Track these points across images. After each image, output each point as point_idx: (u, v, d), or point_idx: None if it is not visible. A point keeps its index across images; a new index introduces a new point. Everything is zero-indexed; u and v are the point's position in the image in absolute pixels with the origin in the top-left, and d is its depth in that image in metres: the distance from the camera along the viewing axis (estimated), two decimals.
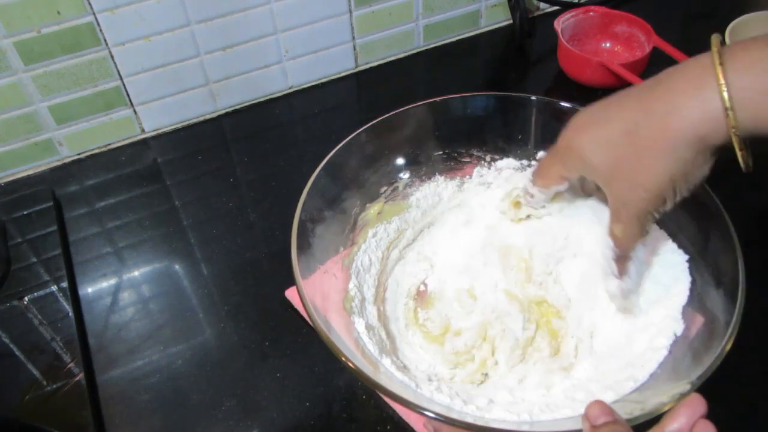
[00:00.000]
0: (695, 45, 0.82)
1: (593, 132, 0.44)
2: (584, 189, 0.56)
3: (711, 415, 0.35)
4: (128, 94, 0.77)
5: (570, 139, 0.46)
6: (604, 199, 0.51)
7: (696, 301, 0.48)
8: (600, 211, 0.54)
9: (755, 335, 0.54)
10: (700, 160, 0.40)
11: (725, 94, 0.37)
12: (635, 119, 0.41)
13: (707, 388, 0.39)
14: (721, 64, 0.37)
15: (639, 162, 0.41)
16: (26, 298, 0.62)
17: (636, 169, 0.42)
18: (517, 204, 0.58)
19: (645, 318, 0.50)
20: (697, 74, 0.38)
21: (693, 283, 0.49)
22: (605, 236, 0.48)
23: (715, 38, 0.39)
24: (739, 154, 0.39)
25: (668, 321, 0.48)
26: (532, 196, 0.55)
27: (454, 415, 0.42)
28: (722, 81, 0.37)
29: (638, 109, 0.41)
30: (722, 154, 0.41)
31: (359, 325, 0.52)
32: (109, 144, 0.81)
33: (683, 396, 0.38)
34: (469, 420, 0.41)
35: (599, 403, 0.37)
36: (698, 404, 0.35)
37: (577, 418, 0.43)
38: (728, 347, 0.41)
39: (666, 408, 0.37)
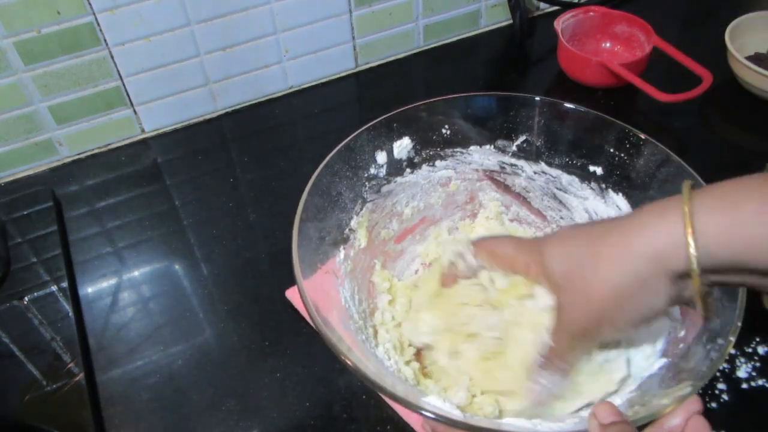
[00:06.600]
0: (695, 45, 0.82)
1: (562, 243, 0.45)
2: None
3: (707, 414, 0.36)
4: (128, 94, 0.77)
5: (541, 244, 0.46)
6: None
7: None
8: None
9: (756, 335, 0.54)
10: (654, 284, 0.39)
11: (686, 211, 0.36)
12: (602, 233, 0.42)
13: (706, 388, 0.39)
14: (689, 199, 0.37)
15: (594, 271, 0.41)
16: (26, 298, 0.62)
17: (588, 279, 0.41)
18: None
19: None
20: (666, 203, 0.39)
21: None
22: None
23: (686, 184, 0.38)
24: (696, 290, 0.38)
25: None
26: (464, 262, 0.52)
27: (454, 416, 0.42)
28: (686, 210, 0.37)
29: (608, 226, 0.42)
30: (682, 299, 0.40)
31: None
32: (109, 144, 0.81)
33: (684, 398, 0.38)
34: (469, 420, 0.41)
35: (608, 404, 0.38)
36: (694, 403, 0.38)
37: (582, 420, 0.43)
38: (729, 348, 0.41)
39: (668, 410, 0.38)
